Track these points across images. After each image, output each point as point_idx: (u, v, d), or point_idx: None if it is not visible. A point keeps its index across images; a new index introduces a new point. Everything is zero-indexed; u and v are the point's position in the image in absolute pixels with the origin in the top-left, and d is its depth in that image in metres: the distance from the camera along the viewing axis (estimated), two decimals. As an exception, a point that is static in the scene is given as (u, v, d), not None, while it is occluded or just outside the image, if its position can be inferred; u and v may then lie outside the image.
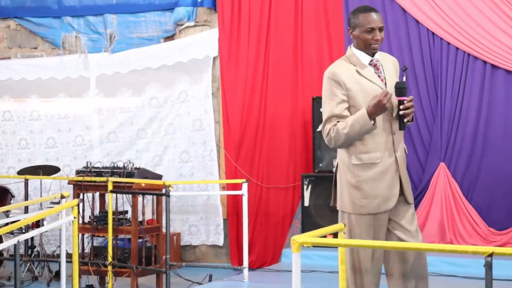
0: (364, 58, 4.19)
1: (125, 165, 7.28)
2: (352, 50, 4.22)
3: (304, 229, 7.33)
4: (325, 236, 3.65)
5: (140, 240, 7.03)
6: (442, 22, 7.62)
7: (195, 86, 8.55)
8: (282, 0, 8.20)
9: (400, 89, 4.10)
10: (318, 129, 7.53)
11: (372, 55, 4.19)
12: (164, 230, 6.88)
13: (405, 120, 4.11)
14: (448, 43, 7.64)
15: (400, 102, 4.09)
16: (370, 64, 4.19)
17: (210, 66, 8.50)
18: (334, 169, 4.34)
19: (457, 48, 7.60)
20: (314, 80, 8.02)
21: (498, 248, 2.76)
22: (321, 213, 7.34)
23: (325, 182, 7.34)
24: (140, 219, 7.09)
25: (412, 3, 7.72)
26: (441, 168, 7.63)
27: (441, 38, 7.66)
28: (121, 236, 7.20)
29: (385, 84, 4.18)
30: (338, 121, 4.09)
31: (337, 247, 3.74)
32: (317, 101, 7.59)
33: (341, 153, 4.23)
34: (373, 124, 4.00)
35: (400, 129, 4.17)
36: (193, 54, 8.49)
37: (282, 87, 8.18)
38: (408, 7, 7.74)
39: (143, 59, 8.65)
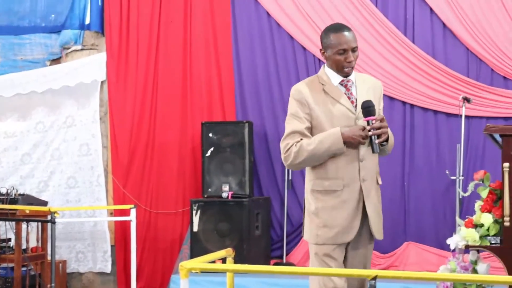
0: (335, 78, 3.98)
1: (8, 191, 7.07)
2: (324, 70, 4.02)
3: (193, 255, 7.29)
4: (214, 262, 3.64)
5: (24, 269, 6.83)
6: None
7: (82, 110, 8.39)
8: (171, 25, 8.20)
9: (367, 109, 3.88)
10: (207, 154, 7.55)
11: (346, 76, 3.98)
12: (49, 257, 6.70)
13: (377, 141, 3.87)
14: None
15: (369, 123, 3.87)
16: (341, 84, 3.99)
17: (97, 90, 8.37)
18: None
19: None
20: (203, 105, 8.05)
21: (381, 271, 2.83)
22: (210, 238, 7.32)
23: (214, 207, 7.35)
24: (24, 246, 6.89)
25: (299, 30, 7.87)
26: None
27: (327, 65, 7.84)
28: (4, 264, 6.97)
29: (355, 106, 3.96)
30: (301, 138, 3.88)
31: (225, 273, 3.73)
32: (206, 126, 7.61)
33: (306, 177, 4.04)
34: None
35: (373, 152, 3.92)
36: (80, 78, 8.33)
37: (171, 112, 8.16)
38: (296, 35, 7.89)
39: (28, 83, 8.41)
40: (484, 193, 4.75)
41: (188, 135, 8.10)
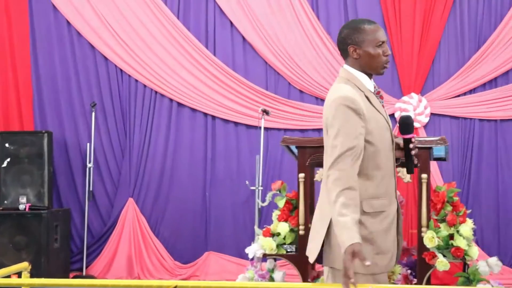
0: (369, 83, 3.37)
1: None
2: (352, 72, 3.35)
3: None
4: (9, 276, 3.48)
5: None
6: (130, 59, 7.76)
7: None
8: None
9: (407, 125, 3.41)
10: (3, 165, 7.22)
11: (381, 74, 3.44)
12: None
13: (416, 162, 3.44)
14: (136, 80, 7.79)
15: (407, 141, 3.40)
16: (373, 92, 3.38)
17: None
18: (317, 218, 3.38)
19: (145, 86, 7.79)
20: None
21: (181, 281, 2.85)
22: (6, 252, 7.01)
23: (9, 220, 7.05)
24: None
25: (101, 40, 7.77)
26: (130, 204, 7.71)
27: (129, 76, 7.80)
28: None
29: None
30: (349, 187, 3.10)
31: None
32: (2, 136, 7.29)
33: None
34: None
35: (409, 172, 3.48)
36: None
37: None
38: (97, 44, 7.78)
39: None
40: (281, 203, 4.91)
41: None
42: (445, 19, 7.35)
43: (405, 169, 4.56)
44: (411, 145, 3.37)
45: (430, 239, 4.48)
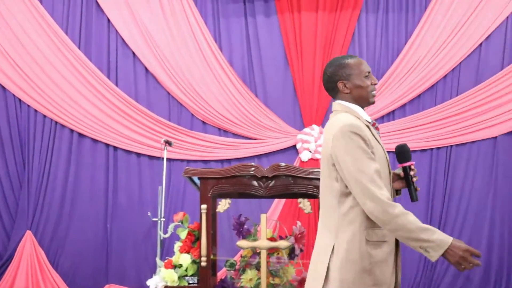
0: (364, 114, 3.40)
1: None
2: (347, 105, 3.39)
3: None
4: None
5: None
6: (29, 89, 7.60)
7: None
8: None
9: (405, 152, 3.41)
10: None
11: (372, 104, 3.45)
12: None
13: (419, 189, 3.45)
14: (36, 111, 7.63)
15: (406, 169, 3.40)
16: (373, 125, 3.41)
17: None
18: (318, 250, 3.33)
19: (45, 116, 7.63)
20: None
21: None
22: None
23: None
24: None
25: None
26: (28, 236, 7.50)
27: (29, 105, 7.63)
28: None
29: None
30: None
31: None
32: None
33: (343, 229, 3.24)
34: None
35: (413, 200, 3.44)
36: None
37: None
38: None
39: None
40: (183, 234, 4.88)
41: None
42: (345, 52, 7.53)
43: (305, 200, 4.63)
44: (411, 173, 3.39)
45: (331, 269, 4.52)
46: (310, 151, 7.48)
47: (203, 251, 4.61)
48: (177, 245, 4.88)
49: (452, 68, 7.44)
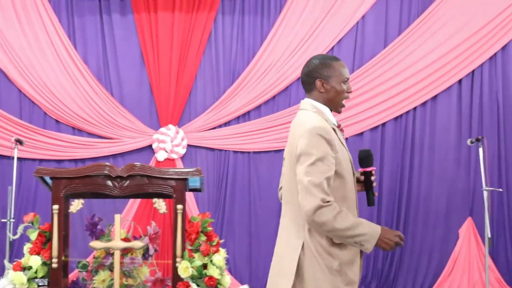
0: (332, 116, 3.40)
1: None
2: (316, 106, 3.39)
3: None
4: None
5: None
6: None
7: None
8: None
9: (368, 158, 3.47)
10: None
11: (340, 110, 3.46)
12: None
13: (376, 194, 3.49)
14: None
15: (368, 174, 3.45)
16: (338, 127, 3.41)
17: None
18: (286, 246, 3.35)
19: None
20: None
21: None
22: None
23: None
24: None
25: None
26: None
27: None
28: None
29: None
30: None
31: None
32: None
33: (311, 231, 3.25)
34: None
35: (370, 204, 3.48)
36: None
37: None
38: None
39: None
40: (33, 235, 4.74)
41: None
42: (201, 53, 7.58)
43: (160, 200, 4.62)
44: (372, 178, 3.43)
45: (185, 269, 4.54)
46: (166, 151, 7.46)
47: (54, 252, 4.51)
48: (27, 247, 4.74)
49: (306, 71, 7.63)
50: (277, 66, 7.60)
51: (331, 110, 3.42)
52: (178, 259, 4.60)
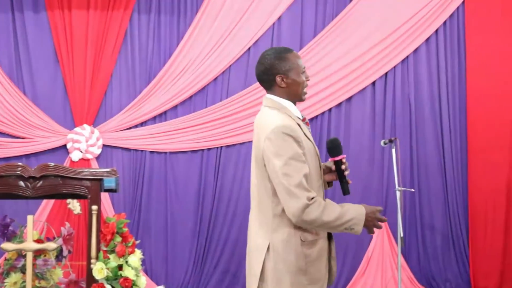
0: (296, 110, 3.40)
1: None
2: (279, 102, 3.37)
3: None
4: None
5: None
6: None
7: None
8: None
9: (336, 147, 3.46)
10: None
11: (303, 100, 3.46)
12: None
13: (350, 182, 3.49)
14: None
15: (337, 163, 3.45)
16: (302, 120, 3.42)
17: None
18: (254, 248, 3.35)
19: None
20: None
21: None
22: None
23: None
24: None
25: None
26: None
27: None
28: None
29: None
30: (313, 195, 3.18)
31: None
32: None
33: (278, 229, 3.27)
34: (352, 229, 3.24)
35: (345, 193, 3.48)
36: None
37: None
38: None
39: None
40: None
41: None
42: (117, 52, 7.49)
43: (75, 201, 4.55)
44: (343, 166, 3.42)
45: (99, 270, 4.48)
46: (81, 151, 7.35)
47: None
48: None
49: (223, 71, 7.66)
50: (194, 66, 7.59)
51: (295, 103, 3.44)
52: (92, 261, 4.54)
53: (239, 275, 7.49)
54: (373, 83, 7.72)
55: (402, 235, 6.39)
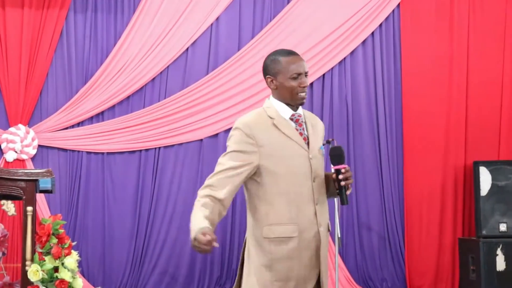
0: (285, 111, 3.42)
1: None
2: (271, 102, 3.44)
3: None
4: None
5: None
6: None
7: None
8: None
9: (337, 156, 3.43)
10: None
11: (296, 107, 3.42)
12: None
13: (348, 192, 3.40)
14: None
15: (338, 172, 3.39)
16: (291, 119, 3.42)
17: None
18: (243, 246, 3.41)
19: None
20: None
21: None
22: None
23: None
24: None
25: None
26: None
27: None
28: None
29: (308, 143, 3.42)
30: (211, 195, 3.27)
31: None
32: None
33: (249, 224, 3.38)
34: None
35: (343, 203, 3.41)
36: None
37: None
38: None
39: None
40: None
41: None
42: (53, 51, 7.38)
43: (9, 202, 4.48)
44: (340, 176, 3.38)
45: (35, 272, 4.43)
46: (15, 151, 7.22)
47: None
48: None
49: (161, 71, 7.62)
50: (132, 66, 7.53)
51: (293, 106, 3.45)
52: (27, 263, 4.50)
53: (177, 276, 7.47)
54: (311, 85, 7.79)
55: (339, 236, 6.46)
